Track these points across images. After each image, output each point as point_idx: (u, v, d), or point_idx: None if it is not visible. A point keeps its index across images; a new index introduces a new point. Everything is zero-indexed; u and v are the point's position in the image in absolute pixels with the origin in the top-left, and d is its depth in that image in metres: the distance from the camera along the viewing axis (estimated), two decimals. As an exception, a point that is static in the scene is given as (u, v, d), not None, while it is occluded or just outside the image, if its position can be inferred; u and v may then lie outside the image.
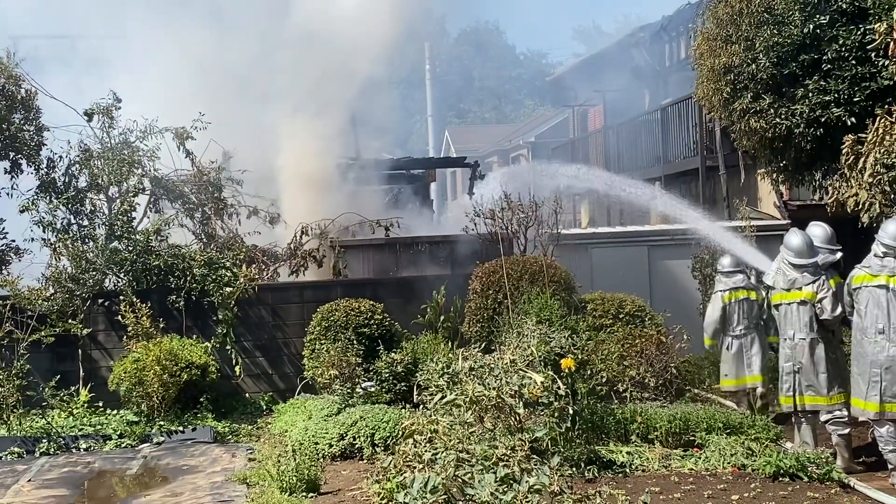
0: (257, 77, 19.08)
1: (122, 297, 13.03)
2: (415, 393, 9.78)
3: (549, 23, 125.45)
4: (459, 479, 6.28)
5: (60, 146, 14.25)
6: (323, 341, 12.82)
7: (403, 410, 10.50)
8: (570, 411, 8.58)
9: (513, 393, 7.99)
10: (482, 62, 75.17)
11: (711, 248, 12.86)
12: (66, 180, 14.24)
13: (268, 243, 15.45)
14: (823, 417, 9.11)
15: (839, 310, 9.06)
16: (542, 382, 8.21)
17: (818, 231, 9.54)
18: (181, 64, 18.63)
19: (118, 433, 11.65)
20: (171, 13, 19.55)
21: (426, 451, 6.90)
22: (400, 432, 8.27)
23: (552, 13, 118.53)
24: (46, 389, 12.25)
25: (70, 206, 14.11)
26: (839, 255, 9.42)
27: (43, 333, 12.57)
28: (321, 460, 9.81)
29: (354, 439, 10.17)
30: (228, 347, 13.45)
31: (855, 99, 11.63)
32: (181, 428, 11.79)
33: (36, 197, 14.07)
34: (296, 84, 18.47)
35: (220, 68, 18.61)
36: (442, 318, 13.17)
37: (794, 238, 9.35)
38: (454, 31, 78.59)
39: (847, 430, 9.02)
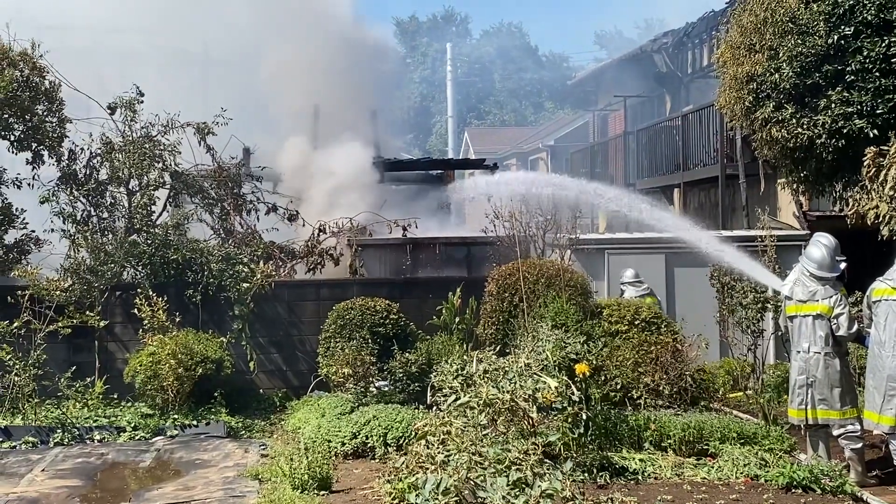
0: (280, 74, 19.17)
1: (139, 290, 13.09)
2: (428, 394, 9.76)
3: (572, 24, 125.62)
4: (471, 482, 6.28)
5: (82, 138, 14.31)
6: (338, 339, 12.83)
7: (416, 411, 10.53)
8: (584, 417, 8.58)
9: (527, 397, 7.99)
10: (503, 63, 74.99)
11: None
12: (87, 172, 14.30)
13: (285, 240, 15.48)
14: (836, 432, 9.04)
15: (855, 327, 9.00)
16: (556, 387, 8.21)
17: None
18: (204, 59, 18.75)
19: (132, 425, 11.70)
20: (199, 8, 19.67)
21: (439, 452, 6.90)
22: (413, 433, 8.28)
23: (575, 16, 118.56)
24: (62, 380, 12.30)
25: (90, 198, 14.18)
26: (843, 265, 9.34)
27: (60, 324, 12.59)
28: (333, 458, 9.84)
29: (367, 438, 10.19)
30: (244, 343, 13.52)
31: (878, 111, 11.55)
32: (195, 422, 11.81)
33: (57, 188, 14.14)
34: (315, 80, 18.55)
35: (242, 64, 18.70)
36: (457, 319, 13.15)
37: (815, 250, 9.24)
38: (476, 32, 78.66)
39: (860, 445, 8.96)
